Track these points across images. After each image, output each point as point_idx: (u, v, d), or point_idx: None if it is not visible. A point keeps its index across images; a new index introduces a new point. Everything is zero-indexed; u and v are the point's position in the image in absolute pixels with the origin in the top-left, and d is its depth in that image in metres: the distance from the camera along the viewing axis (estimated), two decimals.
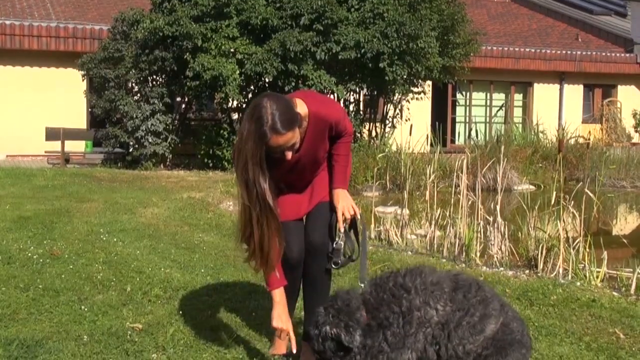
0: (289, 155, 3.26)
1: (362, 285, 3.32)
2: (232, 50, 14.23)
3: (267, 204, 3.26)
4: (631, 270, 5.88)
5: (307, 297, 3.76)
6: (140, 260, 5.94)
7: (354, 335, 3.08)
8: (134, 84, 15.45)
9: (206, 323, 4.20)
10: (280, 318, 3.40)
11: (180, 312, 4.43)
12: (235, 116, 16.35)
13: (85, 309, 4.45)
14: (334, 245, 3.58)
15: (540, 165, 15.42)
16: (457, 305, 3.11)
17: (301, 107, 3.35)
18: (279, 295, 3.44)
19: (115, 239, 6.82)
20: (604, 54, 23.88)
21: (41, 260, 5.77)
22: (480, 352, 3.13)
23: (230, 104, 15.51)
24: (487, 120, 23.36)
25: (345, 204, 3.60)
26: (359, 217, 3.65)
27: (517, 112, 24.03)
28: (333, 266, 3.58)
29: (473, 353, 3.12)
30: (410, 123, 13.88)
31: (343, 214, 3.58)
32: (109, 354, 3.67)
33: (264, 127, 3.13)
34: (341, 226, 3.56)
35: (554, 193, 6.92)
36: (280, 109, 3.16)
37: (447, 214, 7.54)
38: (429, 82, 17.74)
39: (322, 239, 3.60)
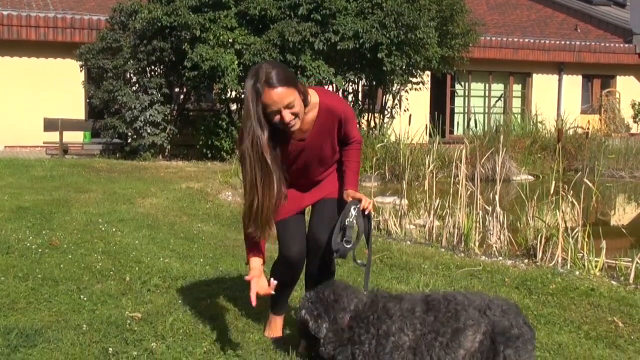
0: (287, 115, 3.21)
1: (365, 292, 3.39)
2: (230, 40, 14.18)
3: (265, 161, 3.25)
4: (630, 259, 5.89)
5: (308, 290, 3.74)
6: (139, 250, 5.94)
7: (320, 326, 3.19)
8: (132, 75, 15.40)
9: (205, 312, 4.20)
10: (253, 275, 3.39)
11: (180, 301, 4.43)
12: (233, 107, 16.31)
13: (85, 299, 4.45)
14: (346, 223, 3.45)
15: (539, 155, 15.45)
16: (428, 328, 3.15)
17: (313, 96, 3.41)
18: (254, 262, 3.43)
19: (114, 229, 6.82)
20: (603, 44, 23.84)
21: (40, 250, 5.77)
22: None
23: (228, 95, 15.47)
24: (486, 110, 23.34)
25: (366, 199, 3.55)
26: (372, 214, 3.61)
27: (516, 103, 24.00)
28: (345, 244, 3.45)
29: None
30: (409, 113, 13.88)
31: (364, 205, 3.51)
32: (109, 342, 3.67)
33: (257, 83, 3.18)
34: (369, 208, 3.50)
35: (553, 183, 6.92)
36: (277, 68, 3.22)
37: (446, 204, 7.54)
38: (428, 73, 17.71)
39: (327, 236, 3.54)
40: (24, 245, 5.93)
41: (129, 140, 15.42)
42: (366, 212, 3.50)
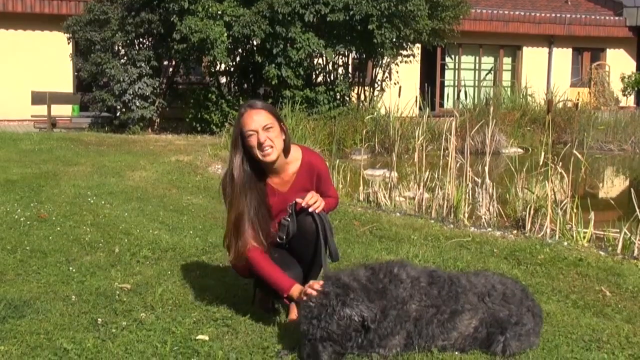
0: (262, 135, 3.40)
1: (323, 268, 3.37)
2: (219, 12, 14.04)
3: (237, 185, 3.45)
4: (618, 230, 5.93)
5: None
6: (128, 222, 5.93)
7: (377, 312, 3.05)
8: (120, 47, 15.26)
9: (194, 283, 4.20)
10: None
11: (169, 273, 4.43)
12: (223, 79, 16.21)
13: (73, 270, 4.44)
14: (281, 221, 3.57)
15: (529, 128, 15.47)
16: (431, 301, 3.14)
17: (297, 151, 3.65)
18: (295, 289, 3.36)
19: (103, 202, 6.80)
20: (593, 17, 23.77)
21: (28, 222, 5.75)
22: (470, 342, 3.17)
23: (218, 67, 15.37)
24: (476, 83, 23.30)
25: (316, 196, 3.53)
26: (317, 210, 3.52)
27: (506, 76, 23.95)
28: (277, 240, 3.57)
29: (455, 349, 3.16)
30: (399, 86, 13.84)
31: (308, 200, 3.50)
32: (98, 313, 3.67)
33: (242, 107, 3.51)
34: (301, 203, 3.49)
35: (543, 155, 6.93)
36: (263, 101, 3.57)
37: (436, 176, 7.55)
38: (418, 45, 17.61)
39: (312, 225, 3.50)
40: (12, 217, 5.91)
41: (118, 114, 15.32)
42: (310, 210, 3.48)
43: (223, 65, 15.39)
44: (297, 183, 3.63)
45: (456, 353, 3.17)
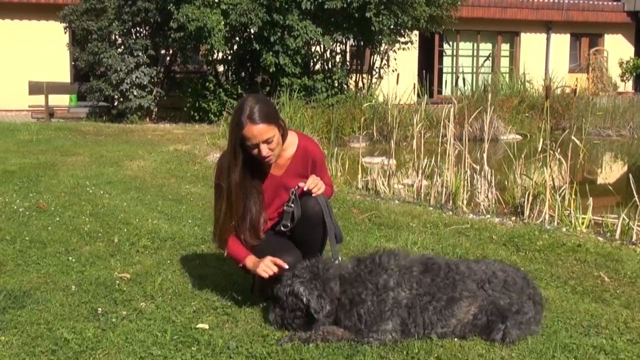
0: (264, 149, 3.45)
1: (337, 261, 3.40)
2: (216, 0, 13.99)
3: (231, 191, 3.52)
4: (616, 216, 5.93)
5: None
6: (127, 211, 5.93)
7: (324, 305, 3.19)
8: (117, 36, 15.21)
9: (194, 272, 4.21)
10: (258, 264, 3.49)
11: (168, 262, 4.44)
12: (220, 68, 16.17)
13: (73, 260, 4.44)
14: (285, 208, 3.59)
15: (527, 114, 15.46)
16: (424, 289, 3.16)
17: (293, 137, 3.69)
18: (249, 260, 3.57)
19: (101, 192, 6.80)
20: (591, 2, 23.69)
21: (27, 213, 5.75)
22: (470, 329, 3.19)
23: (215, 56, 15.32)
24: (474, 70, 23.25)
25: (317, 179, 3.57)
26: (320, 195, 3.56)
27: (504, 62, 23.89)
28: (282, 228, 3.60)
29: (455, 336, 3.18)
30: (397, 73, 13.79)
31: (310, 184, 3.54)
32: (98, 303, 3.67)
33: (241, 116, 3.42)
34: (303, 186, 3.52)
35: (541, 141, 6.93)
36: (260, 103, 3.46)
37: (434, 163, 7.55)
38: (416, 32, 17.55)
39: (318, 207, 3.55)
40: (11, 208, 5.91)
41: (116, 103, 15.29)
42: (313, 194, 3.52)
43: (220, 54, 15.33)
44: (292, 167, 3.67)
45: (455, 340, 3.18)
